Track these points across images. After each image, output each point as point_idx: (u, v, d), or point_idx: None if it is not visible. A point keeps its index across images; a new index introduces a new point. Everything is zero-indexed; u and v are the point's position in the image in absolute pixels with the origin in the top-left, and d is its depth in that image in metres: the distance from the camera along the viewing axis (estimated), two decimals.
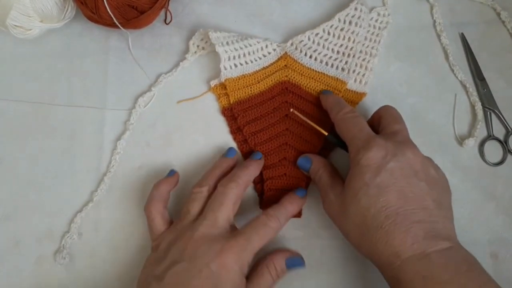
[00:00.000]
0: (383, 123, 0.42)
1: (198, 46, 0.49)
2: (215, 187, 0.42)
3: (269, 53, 0.48)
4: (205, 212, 0.40)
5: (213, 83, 0.48)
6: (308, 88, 0.48)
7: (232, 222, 0.41)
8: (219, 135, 0.48)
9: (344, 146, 0.42)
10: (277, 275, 0.40)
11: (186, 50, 0.50)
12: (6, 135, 0.49)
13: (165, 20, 0.51)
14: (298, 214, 0.45)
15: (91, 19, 0.47)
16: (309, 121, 0.45)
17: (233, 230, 0.40)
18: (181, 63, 0.49)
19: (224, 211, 0.39)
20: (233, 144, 0.48)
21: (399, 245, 0.35)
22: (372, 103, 0.49)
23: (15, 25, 0.46)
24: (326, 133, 0.44)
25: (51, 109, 0.49)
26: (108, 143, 0.48)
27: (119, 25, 0.46)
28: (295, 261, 0.41)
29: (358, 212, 0.37)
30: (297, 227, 0.46)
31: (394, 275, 0.35)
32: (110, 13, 0.45)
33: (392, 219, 0.35)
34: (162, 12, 0.51)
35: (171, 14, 0.51)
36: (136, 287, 0.39)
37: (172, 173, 0.45)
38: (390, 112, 0.43)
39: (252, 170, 0.43)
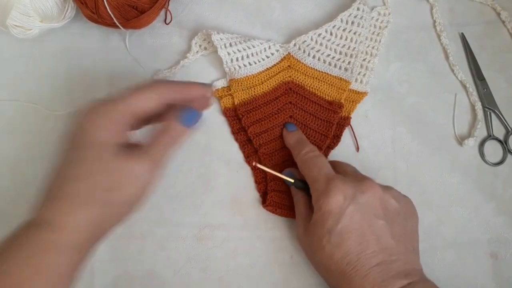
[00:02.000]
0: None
1: (200, 46, 0.50)
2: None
3: (272, 54, 0.48)
4: None
5: (214, 87, 0.48)
6: (312, 88, 0.48)
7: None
8: (220, 136, 0.48)
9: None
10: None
11: (186, 50, 0.50)
12: (6, 135, 0.49)
13: (165, 20, 0.51)
14: None
15: (91, 19, 0.47)
16: (273, 172, 0.44)
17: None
18: (181, 61, 0.49)
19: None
20: (235, 145, 0.48)
21: None
22: (372, 103, 0.49)
23: (15, 25, 0.46)
24: (292, 181, 0.44)
25: (51, 109, 0.49)
26: None
27: (119, 25, 0.46)
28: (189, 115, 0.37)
29: (322, 258, 0.38)
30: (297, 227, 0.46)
31: None
32: (110, 13, 0.45)
33: (353, 265, 0.37)
34: (162, 12, 0.51)
35: (171, 14, 0.51)
36: None
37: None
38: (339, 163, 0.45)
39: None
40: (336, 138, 0.48)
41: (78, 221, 0.32)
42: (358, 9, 0.48)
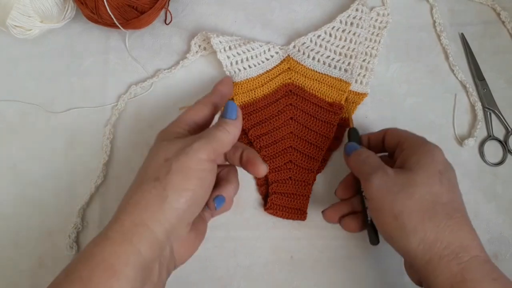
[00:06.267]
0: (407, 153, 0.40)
1: (199, 46, 0.50)
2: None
3: (272, 56, 0.48)
4: None
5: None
6: (312, 89, 0.48)
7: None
8: None
9: None
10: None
11: (186, 50, 0.50)
12: (6, 135, 0.49)
13: (165, 21, 0.51)
14: (303, 217, 0.45)
15: (91, 19, 0.47)
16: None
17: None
18: (181, 61, 0.49)
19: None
20: None
21: (469, 240, 0.35)
22: (372, 103, 0.49)
23: (15, 25, 0.46)
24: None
25: (51, 109, 0.49)
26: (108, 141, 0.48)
27: (119, 25, 0.46)
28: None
29: (428, 194, 0.36)
30: (297, 227, 0.46)
31: (458, 272, 0.34)
32: (110, 13, 0.45)
33: (460, 213, 0.36)
34: (162, 13, 0.51)
35: (171, 14, 0.51)
36: None
37: None
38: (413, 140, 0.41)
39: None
40: (337, 140, 0.48)
41: None
42: (357, 10, 0.48)
